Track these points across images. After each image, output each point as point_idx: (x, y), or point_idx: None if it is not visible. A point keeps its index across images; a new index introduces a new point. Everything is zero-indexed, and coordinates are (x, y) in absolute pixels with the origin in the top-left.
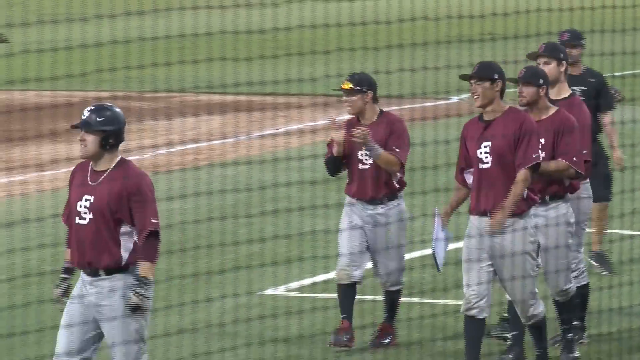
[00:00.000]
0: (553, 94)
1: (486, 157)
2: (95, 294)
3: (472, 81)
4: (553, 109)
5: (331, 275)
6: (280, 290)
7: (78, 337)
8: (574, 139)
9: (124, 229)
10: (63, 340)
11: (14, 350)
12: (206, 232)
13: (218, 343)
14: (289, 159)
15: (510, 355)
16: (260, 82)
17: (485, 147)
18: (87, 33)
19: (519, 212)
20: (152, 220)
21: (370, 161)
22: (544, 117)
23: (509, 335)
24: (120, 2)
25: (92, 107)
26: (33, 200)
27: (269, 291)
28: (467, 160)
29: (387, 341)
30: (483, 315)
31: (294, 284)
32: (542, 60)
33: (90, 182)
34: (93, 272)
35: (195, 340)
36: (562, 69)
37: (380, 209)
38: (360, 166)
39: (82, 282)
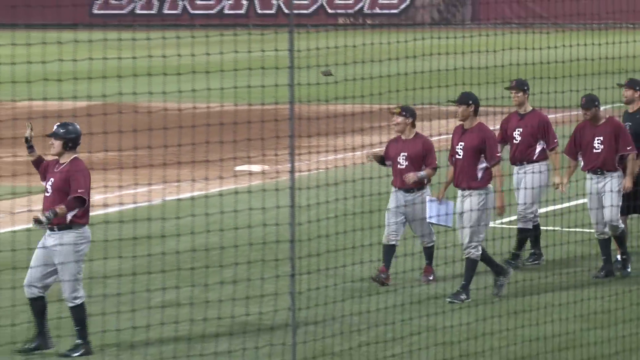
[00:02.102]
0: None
1: (460, 152)
2: (52, 242)
3: (456, 105)
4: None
5: None
6: None
7: (40, 272)
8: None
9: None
10: (28, 273)
11: None
12: None
13: None
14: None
15: (602, 272)
16: None
17: (460, 145)
18: None
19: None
20: (79, 190)
21: (406, 163)
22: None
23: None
24: None
25: (59, 123)
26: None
27: None
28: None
29: (431, 278)
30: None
31: None
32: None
33: (54, 170)
34: (50, 228)
35: None
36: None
37: (414, 195)
38: (399, 167)
39: (45, 234)
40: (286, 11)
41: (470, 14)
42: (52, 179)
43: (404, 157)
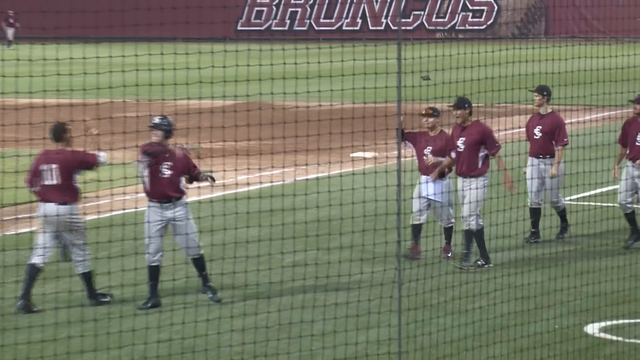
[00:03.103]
0: None
1: (461, 146)
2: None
3: (452, 108)
4: None
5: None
6: None
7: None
8: None
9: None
10: (154, 243)
11: None
12: None
13: None
14: None
15: (630, 241)
16: None
17: (461, 140)
18: None
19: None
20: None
21: (430, 156)
22: None
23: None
24: None
25: (160, 116)
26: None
27: None
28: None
29: (449, 254)
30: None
31: None
32: None
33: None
34: (169, 200)
35: None
36: None
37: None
38: (425, 159)
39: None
40: (394, 28)
41: (544, 29)
42: (169, 163)
43: (429, 151)
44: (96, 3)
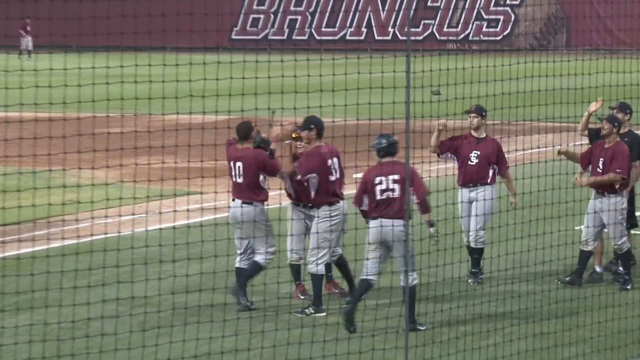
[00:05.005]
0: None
1: (474, 160)
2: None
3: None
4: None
5: None
6: None
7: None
8: None
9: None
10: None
11: None
12: None
13: None
14: None
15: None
16: None
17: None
18: None
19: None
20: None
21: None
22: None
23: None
24: None
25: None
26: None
27: None
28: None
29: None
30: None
31: None
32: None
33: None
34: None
35: None
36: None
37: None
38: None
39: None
40: (402, 38)
41: (564, 41)
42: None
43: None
44: (79, 9)
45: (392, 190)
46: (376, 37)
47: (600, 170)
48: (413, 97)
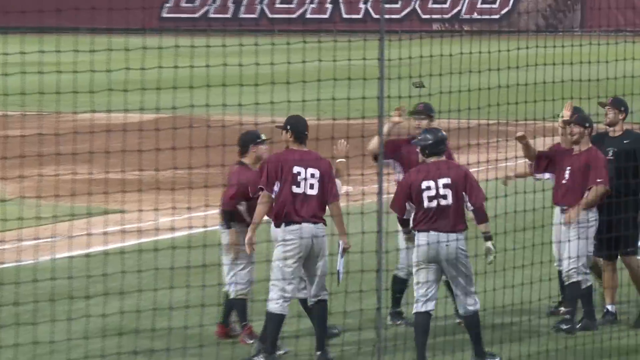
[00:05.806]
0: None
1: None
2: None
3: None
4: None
5: None
6: None
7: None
8: None
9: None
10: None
11: None
12: None
13: None
14: None
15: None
16: None
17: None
18: None
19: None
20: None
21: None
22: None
23: None
24: None
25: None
26: None
27: None
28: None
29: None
30: None
31: None
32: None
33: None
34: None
35: None
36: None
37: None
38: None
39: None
40: (376, 16)
41: (579, 21)
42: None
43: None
44: None
45: (444, 196)
46: (344, 16)
47: (566, 182)
48: (388, 92)
